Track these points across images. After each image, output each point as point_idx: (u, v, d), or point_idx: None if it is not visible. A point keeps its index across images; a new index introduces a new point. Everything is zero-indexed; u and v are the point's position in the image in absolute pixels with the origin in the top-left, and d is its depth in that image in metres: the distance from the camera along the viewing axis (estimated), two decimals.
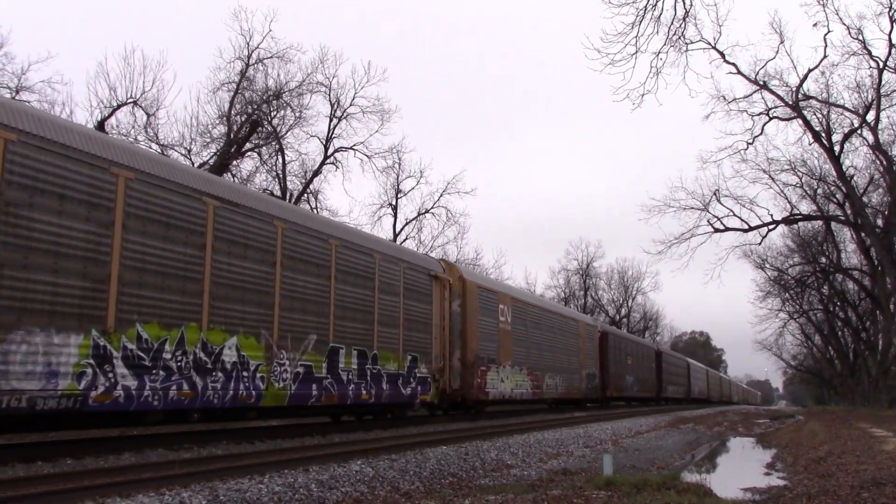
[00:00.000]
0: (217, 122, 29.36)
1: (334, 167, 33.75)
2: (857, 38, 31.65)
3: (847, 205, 38.67)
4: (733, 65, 32.32)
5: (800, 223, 43.80)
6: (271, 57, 30.05)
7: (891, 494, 8.95)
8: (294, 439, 13.46)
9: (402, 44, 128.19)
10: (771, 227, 38.74)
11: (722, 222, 37.87)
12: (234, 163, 30.04)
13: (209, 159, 28.43)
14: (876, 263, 37.69)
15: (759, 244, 42.16)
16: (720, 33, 34.24)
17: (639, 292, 78.78)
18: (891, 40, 30.96)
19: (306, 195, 32.53)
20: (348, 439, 13.65)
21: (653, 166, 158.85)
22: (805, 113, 33.80)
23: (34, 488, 7.12)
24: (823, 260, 48.92)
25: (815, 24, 31.34)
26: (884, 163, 34.79)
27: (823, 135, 34.37)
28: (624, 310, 78.00)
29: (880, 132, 33.91)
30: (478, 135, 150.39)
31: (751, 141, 35.44)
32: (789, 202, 40.87)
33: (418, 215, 39.88)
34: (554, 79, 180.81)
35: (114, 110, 25.99)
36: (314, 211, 31.16)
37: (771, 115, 34.59)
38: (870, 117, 33.56)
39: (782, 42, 33.98)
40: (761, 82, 33.13)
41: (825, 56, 32.69)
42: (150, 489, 7.50)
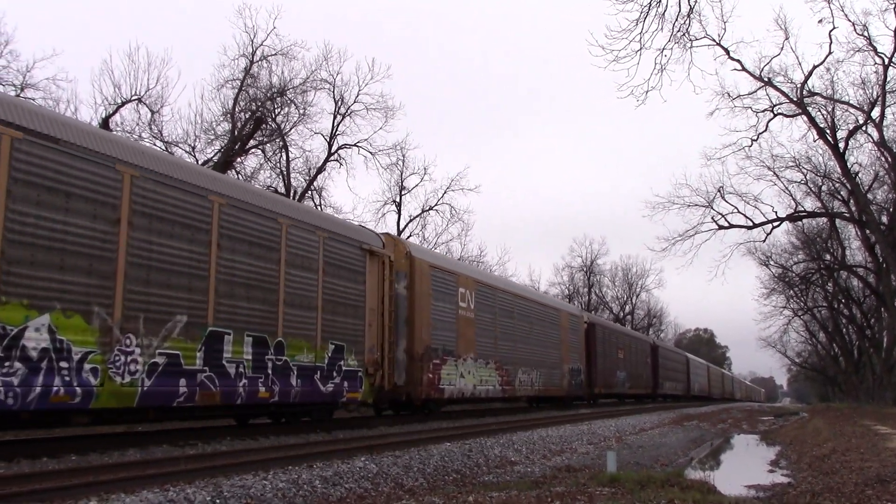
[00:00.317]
0: (221, 119, 29.42)
1: (338, 164, 33.79)
2: (862, 35, 31.62)
3: (852, 202, 38.60)
4: (738, 61, 32.31)
5: (804, 220, 43.77)
6: (275, 54, 30.09)
7: (895, 492, 8.94)
8: (299, 435, 13.49)
9: (405, 41, 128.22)
10: (775, 223, 38.75)
11: (726, 219, 37.88)
12: (238, 160, 30.09)
13: (213, 156, 28.47)
14: (881, 260, 37.61)
15: (764, 241, 42.16)
16: (725, 30, 34.18)
17: (643, 289, 78.76)
18: None
19: (310, 192, 32.56)
20: (352, 436, 13.67)
21: (657, 163, 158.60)
22: (810, 109, 33.75)
23: (38, 484, 7.14)
24: (828, 257, 48.81)
25: (820, 21, 31.31)
26: (889, 159, 34.70)
27: (828, 131, 34.30)
28: (628, 307, 77.99)
29: (885, 129, 33.87)
30: (482, 132, 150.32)
31: (755, 138, 35.43)
32: (794, 199, 40.89)
33: (422, 212, 39.89)
34: (558, 76, 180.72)
35: (118, 107, 26.06)
36: (318, 209, 31.14)
37: (775, 112, 34.58)
38: (875, 114, 33.52)
39: (787, 38, 34.15)
40: (766, 79, 33.08)
41: (830, 52, 32.67)
42: (154, 485, 7.52)
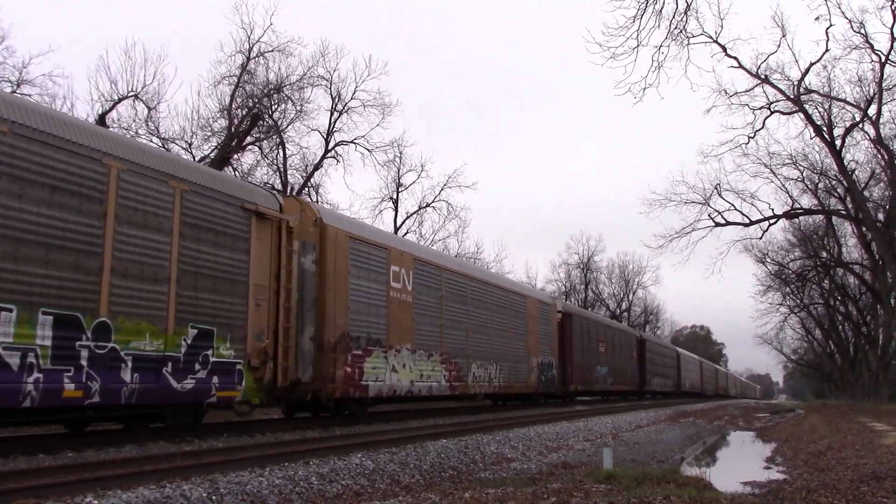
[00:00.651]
0: (218, 115, 29.35)
1: (335, 161, 33.73)
2: (859, 32, 31.60)
3: (848, 199, 38.66)
4: (735, 58, 32.25)
5: (801, 217, 43.91)
6: (272, 50, 30.01)
7: (890, 488, 8.97)
8: (295, 432, 13.49)
9: (403, 38, 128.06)
10: (772, 221, 38.79)
11: (723, 216, 37.91)
12: (235, 157, 30.04)
13: (210, 153, 28.44)
14: (877, 258, 37.70)
15: (760, 238, 42.38)
16: (722, 27, 34.22)
17: (639, 286, 78.70)
18: (893, 34, 30.86)
19: (307, 189, 32.53)
20: (349, 432, 13.68)
21: (654, 160, 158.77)
22: (806, 107, 33.76)
23: (35, 481, 7.14)
24: (824, 254, 48.91)
25: (816, 18, 31.37)
26: (885, 157, 34.77)
27: (825, 129, 34.33)
28: (625, 304, 78.06)
29: (882, 126, 33.93)
30: (479, 129, 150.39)
31: (752, 135, 35.41)
32: (790, 196, 40.95)
33: (419, 209, 39.85)
34: (555, 73, 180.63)
35: (115, 104, 26.01)
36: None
37: (772, 109, 34.54)
38: (871, 111, 33.55)
39: (784, 36, 33.91)
40: (763, 76, 33.07)
41: (827, 50, 32.60)
42: (150, 482, 7.53)
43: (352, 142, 33.78)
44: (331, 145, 33.11)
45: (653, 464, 14.04)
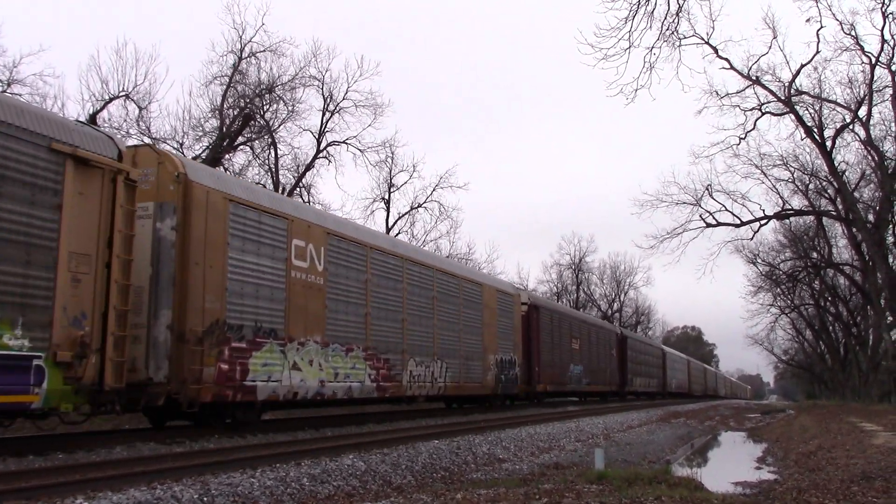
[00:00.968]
0: (209, 115, 29.25)
1: (327, 161, 33.65)
2: (849, 34, 31.80)
3: (839, 200, 38.83)
4: (726, 60, 32.37)
5: (791, 218, 44.02)
6: (264, 51, 29.92)
7: (880, 488, 9.02)
8: (287, 433, 13.46)
9: (395, 39, 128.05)
10: (763, 221, 38.89)
11: (714, 217, 37.99)
12: (227, 156, 29.97)
13: (202, 153, 28.35)
14: (867, 258, 37.85)
15: (751, 239, 42.44)
16: (713, 28, 34.19)
17: (631, 287, 78.82)
18: (883, 36, 31.13)
19: (299, 189, 32.48)
20: (340, 433, 13.66)
21: (645, 161, 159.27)
22: (797, 108, 33.91)
23: (25, 482, 7.10)
24: (815, 255, 49.10)
25: (807, 20, 31.46)
26: (875, 158, 34.92)
27: (815, 130, 34.48)
28: (616, 304, 78.19)
29: (872, 127, 34.13)
30: (471, 130, 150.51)
31: (743, 136, 35.55)
32: (781, 197, 41.11)
33: (411, 209, 39.76)
34: (547, 75, 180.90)
35: (105, 103, 25.86)
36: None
37: (763, 111, 34.70)
38: (862, 113, 33.74)
39: (775, 37, 34.11)
40: (754, 77, 33.19)
41: (818, 51, 32.81)
42: (141, 483, 7.50)
43: (343, 142, 33.75)
44: (322, 145, 33.06)
45: (644, 464, 14.07)
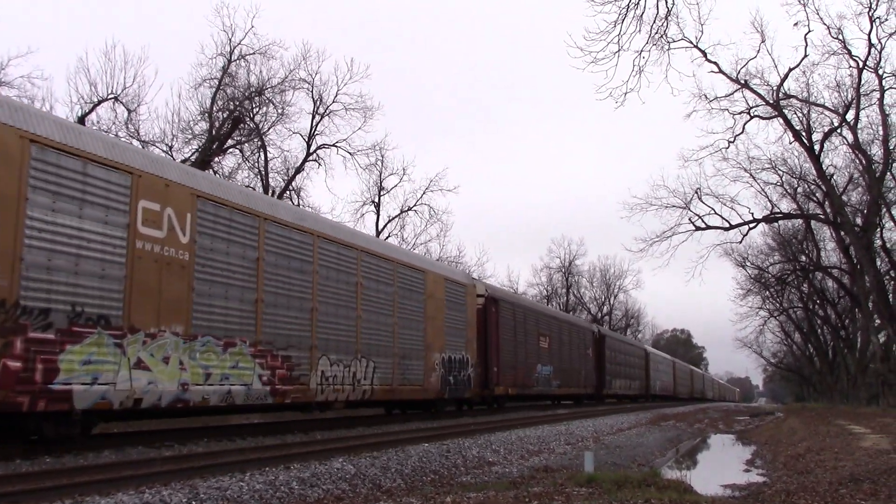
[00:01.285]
0: (199, 118, 29.18)
1: (317, 164, 33.65)
2: (837, 38, 32.02)
3: (827, 203, 38.99)
4: (715, 63, 32.50)
5: (780, 222, 44.16)
6: (253, 53, 29.89)
7: (868, 491, 9.06)
8: (276, 436, 13.42)
9: (385, 42, 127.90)
10: (752, 225, 39.00)
11: (703, 220, 38.04)
12: (216, 159, 29.89)
13: (191, 156, 28.26)
14: (855, 262, 38.04)
15: (740, 242, 42.45)
16: (702, 32, 34.44)
17: (621, 290, 79.02)
18: (870, 40, 31.36)
19: (289, 192, 32.42)
20: (330, 437, 13.63)
21: (635, 164, 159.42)
22: (786, 112, 34.07)
23: (12, 486, 7.06)
24: (803, 258, 49.33)
25: (795, 24, 31.66)
26: (863, 162, 35.11)
27: (804, 134, 34.65)
28: (606, 307, 78.36)
29: (860, 131, 34.30)
30: (461, 133, 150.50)
31: (732, 139, 35.65)
32: (770, 201, 41.23)
33: (401, 213, 39.79)
34: (536, 79, 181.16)
35: (94, 106, 25.77)
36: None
37: (752, 114, 34.83)
38: (849, 116, 33.93)
39: (763, 41, 34.34)
40: (742, 81, 33.34)
41: (806, 55, 33.00)
42: (130, 487, 7.46)
43: (333, 145, 33.76)
44: (312, 148, 33.07)
45: (634, 467, 14.08)
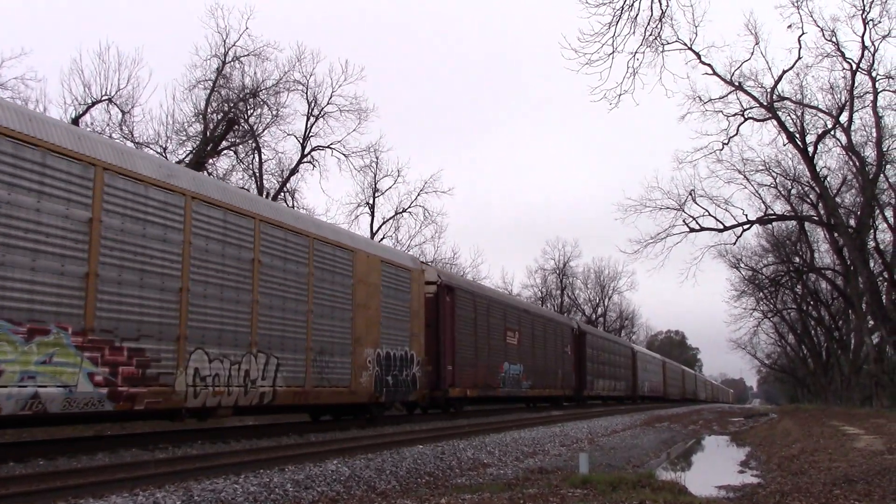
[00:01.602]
0: (193, 120, 29.12)
1: (311, 166, 33.62)
2: (830, 40, 32.15)
3: (820, 205, 39.15)
4: (709, 66, 32.59)
5: (774, 223, 44.27)
6: (248, 55, 29.86)
7: (862, 491, 9.07)
8: (271, 438, 13.39)
9: (380, 44, 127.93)
10: (745, 226, 39.09)
11: (697, 222, 38.13)
12: (211, 161, 29.82)
13: (185, 157, 28.20)
14: (848, 263, 38.15)
15: (734, 244, 42.55)
16: (696, 34, 34.51)
17: (615, 292, 79.02)
18: (864, 42, 31.49)
19: (283, 194, 32.38)
20: (325, 439, 13.60)
21: (629, 166, 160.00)
22: (779, 114, 34.16)
23: (5, 489, 7.02)
24: (797, 260, 49.46)
25: (789, 26, 31.78)
26: (856, 163, 35.25)
27: (797, 136, 34.76)
28: (600, 309, 78.41)
29: (853, 133, 34.43)
30: (456, 135, 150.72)
31: (726, 141, 35.75)
32: (764, 202, 41.37)
33: (395, 214, 39.72)
34: (531, 81, 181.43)
35: (88, 107, 25.69)
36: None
37: (746, 116, 34.92)
38: (843, 118, 34.06)
39: (757, 43, 34.26)
40: (736, 83, 33.43)
41: (799, 57, 33.12)
42: (123, 490, 7.44)
43: (328, 147, 33.71)
44: (307, 150, 33.03)
45: (628, 468, 14.09)
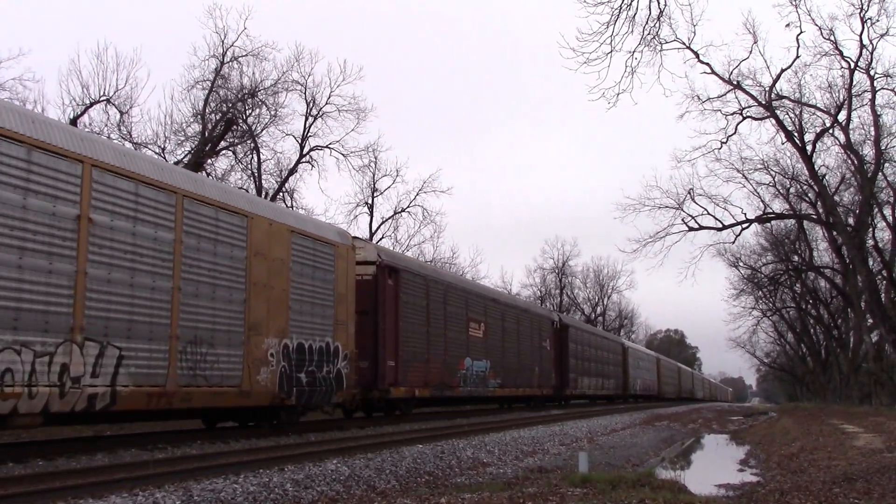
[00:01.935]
0: (191, 120, 29.08)
1: (310, 166, 33.55)
2: (828, 39, 32.11)
3: (819, 204, 39.15)
4: (707, 64, 32.56)
5: (773, 222, 44.29)
6: (246, 55, 29.78)
7: (862, 489, 9.08)
8: (269, 438, 13.39)
9: (378, 43, 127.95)
10: (744, 225, 39.10)
11: (696, 221, 38.10)
12: (209, 161, 29.79)
13: (183, 158, 28.19)
14: (847, 261, 38.18)
15: (733, 243, 42.58)
16: (694, 33, 34.54)
17: (614, 291, 78.97)
18: (861, 41, 31.47)
19: (282, 194, 32.36)
20: (324, 438, 13.60)
21: (628, 165, 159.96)
22: (778, 113, 34.15)
23: (4, 490, 7.02)
24: (796, 258, 49.48)
25: (787, 25, 31.73)
26: (855, 162, 35.26)
27: (796, 134, 34.75)
28: (599, 308, 78.41)
29: (851, 132, 34.45)
30: (455, 134, 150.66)
31: (724, 140, 35.70)
32: (762, 201, 41.37)
33: (394, 214, 39.72)
34: (529, 80, 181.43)
35: (86, 108, 25.66)
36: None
37: (744, 115, 34.88)
38: (841, 117, 34.07)
39: (756, 42, 34.17)
40: (735, 82, 33.42)
41: (798, 56, 33.07)
42: (123, 490, 7.43)
43: (327, 147, 33.64)
44: (305, 150, 32.96)
45: (628, 467, 14.10)
